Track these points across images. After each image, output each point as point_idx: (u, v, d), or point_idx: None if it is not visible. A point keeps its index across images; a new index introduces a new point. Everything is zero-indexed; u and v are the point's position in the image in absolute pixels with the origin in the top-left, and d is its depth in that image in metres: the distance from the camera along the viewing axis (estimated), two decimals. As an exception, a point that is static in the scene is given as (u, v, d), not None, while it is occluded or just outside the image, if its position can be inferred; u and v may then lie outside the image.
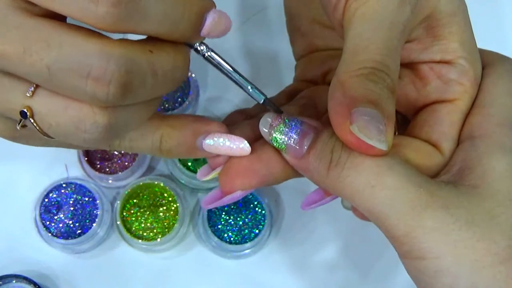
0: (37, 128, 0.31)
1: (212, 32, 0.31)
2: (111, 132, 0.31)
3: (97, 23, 0.28)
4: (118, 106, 0.30)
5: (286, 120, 0.34)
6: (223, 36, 0.32)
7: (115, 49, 0.28)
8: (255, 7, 0.59)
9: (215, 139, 0.34)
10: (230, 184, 0.34)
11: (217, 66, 0.33)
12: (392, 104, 0.31)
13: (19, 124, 0.31)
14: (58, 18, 0.29)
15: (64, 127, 0.30)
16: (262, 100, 0.34)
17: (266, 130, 0.34)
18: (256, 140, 0.35)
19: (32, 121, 0.30)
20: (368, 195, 0.31)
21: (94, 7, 0.27)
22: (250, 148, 0.34)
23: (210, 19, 0.31)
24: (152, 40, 0.30)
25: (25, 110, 0.30)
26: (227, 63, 0.33)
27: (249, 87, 0.34)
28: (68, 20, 0.30)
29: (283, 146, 0.33)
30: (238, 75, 0.33)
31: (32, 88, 0.30)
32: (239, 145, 0.34)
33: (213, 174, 0.36)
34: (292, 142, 0.33)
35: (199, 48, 0.32)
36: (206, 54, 0.32)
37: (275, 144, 0.34)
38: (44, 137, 0.31)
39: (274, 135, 0.34)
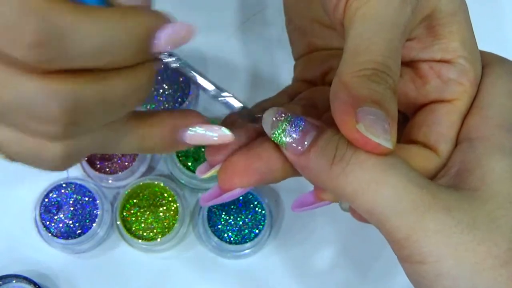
0: (4, 156, 0.30)
1: (170, 45, 0.29)
2: (71, 158, 0.31)
3: (26, 64, 0.26)
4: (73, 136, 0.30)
5: (290, 117, 0.34)
6: (221, 37, 0.31)
7: (59, 85, 0.27)
8: (255, 7, 0.59)
9: (195, 130, 0.34)
10: (229, 182, 0.34)
11: (188, 76, 0.32)
12: (394, 104, 0.31)
13: None
14: None
15: (25, 157, 0.30)
16: (239, 109, 0.33)
17: (269, 125, 0.34)
18: (256, 137, 0.35)
19: None
20: (371, 193, 0.31)
21: (18, 50, 0.26)
22: (230, 133, 0.34)
23: (165, 36, 0.29)
24: None
25: None
26: (197, 71, 0.32)
27: (224, 95, 0.33)
28: None
29: (284, 142, 0.33)
30: (210, 83, 0.32)
31: None
32: (218, 131, 0.34)
33: (212, 172, 0.36)
34: (293, 138, 0.33)
35: (165, 61, 0.31)
36: (173, 66, 0.31)
37: (276, 140, 0.34)
38: None
39: (276, 130, 0.33)
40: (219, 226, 0.53)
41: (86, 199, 0.53)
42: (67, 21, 0.26)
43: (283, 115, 0.34)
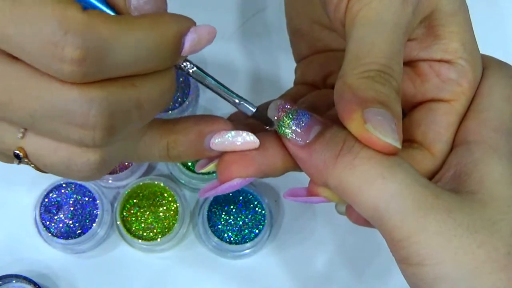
0: (33, 166, 0.31)
1: (193, 51, 0.30)
2: (105, 166, 0.31)
3: (66, 79, 0.27)
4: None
5: (296, 109, 0.33)
6: (220, 38, 0.31)
7: (96, 93, 0.27)
8: (255, 8, 0.59)
9: (222, 137, 0.34)
10: (227, 171, 0.34)
11: (202, 82, 0.32)
12: (399, 105, 0.31)
13: (16, 162, 0.31)
14: None
15: (57, 167, 0.30)
16: (252, 113, 0.33)
17: (275, 115, 0.34)
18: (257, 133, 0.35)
19: (26, 160, 0.30)
20: (377, 187, 0.30)
21: (59, 65, 0.26)
22: (258, 141, 0.34)
23: (189, 42, 0.29)
24: None
25: (17, 152, 0.30)
26: (212, 77, 0.32)
27: (237, 101, 0.33)
28: None
29: (288, 132, 0.33)
30: (224, 88, 0.33)
31: (22, 130, 0.29)
32: (246, 140, 0.34)
33: (211, 166, 0.36)
34: (298, 129, 0.33)
35: (182, 66, 0.31)
36: (190, 71, 0.31)
37: (280, 130, 0.33)
38: None
39: (281, 120, 0.33)
40: (219, 226, 0.53)
41: (86, 199, 0.53)
42: (108, 35, 0.27)
43: (289, 106, 0.34)
